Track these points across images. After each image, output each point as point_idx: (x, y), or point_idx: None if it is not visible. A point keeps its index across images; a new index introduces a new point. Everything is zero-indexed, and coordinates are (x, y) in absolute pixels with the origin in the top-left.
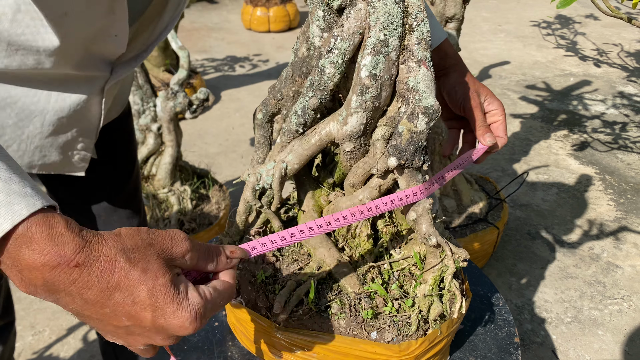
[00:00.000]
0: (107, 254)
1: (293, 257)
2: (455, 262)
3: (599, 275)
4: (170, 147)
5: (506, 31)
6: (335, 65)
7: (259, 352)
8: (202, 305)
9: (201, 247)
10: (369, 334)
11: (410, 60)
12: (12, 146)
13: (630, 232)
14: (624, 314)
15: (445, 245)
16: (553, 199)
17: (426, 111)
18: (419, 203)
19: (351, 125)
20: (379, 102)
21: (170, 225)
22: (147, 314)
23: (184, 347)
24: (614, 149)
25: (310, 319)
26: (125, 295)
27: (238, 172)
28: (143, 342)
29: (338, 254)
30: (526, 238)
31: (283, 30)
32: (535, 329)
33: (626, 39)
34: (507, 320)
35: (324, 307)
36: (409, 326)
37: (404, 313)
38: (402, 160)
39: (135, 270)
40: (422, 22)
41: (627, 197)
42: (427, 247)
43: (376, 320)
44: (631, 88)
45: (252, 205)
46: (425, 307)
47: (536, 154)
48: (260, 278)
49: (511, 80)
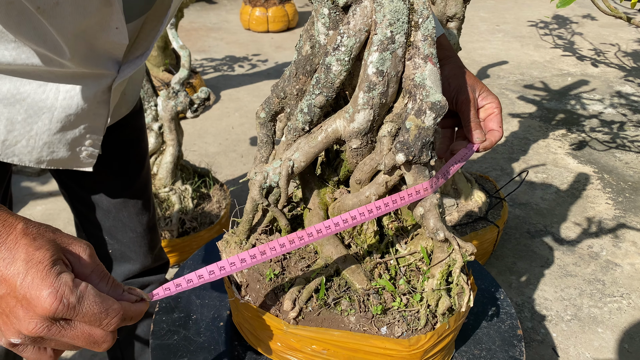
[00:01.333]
0: (10, 220)
1: (300, 254)
2: (463, 256)
3: (598, 274)
4: (171, 146)
5: (504, 31)
6: (342, 62)
7: (268, 350)
8: (70, 289)
9: (100, 265)
10: (379, 329)
11: (417, 57)
12: (22, 142)
13: (628, 230)
14: (623, 312)
15: (453, 240)
16: (552, 198)
17: (433, 107)
18: (426, 198)
19: (358, 122)
20: (385, 99)
21: (172, 224)
22: (16, 280)
23: (190, 347)
24: (611, 148)
25: (319, 316)
26: (6, 256)
27: (238, 171)
28: (13, 328)
29: (345, 250)
30: (526, 237)
31: (282, 30)
32: (535, 327)
33: (623, 38)
34: (510, 313)
35: (333, 303)
36: (418, 321)
37: (413, 308)
38: (410, 156)
39: (27, 237)
40: (427, 18)
41: (625, 196)
42: (435, 241)
43: (385, 315)
44: (628, 87)
45: (259, 203)
46: (434, 302)
47: (535, 153)
48: (269, 276)
49: (509, 80)
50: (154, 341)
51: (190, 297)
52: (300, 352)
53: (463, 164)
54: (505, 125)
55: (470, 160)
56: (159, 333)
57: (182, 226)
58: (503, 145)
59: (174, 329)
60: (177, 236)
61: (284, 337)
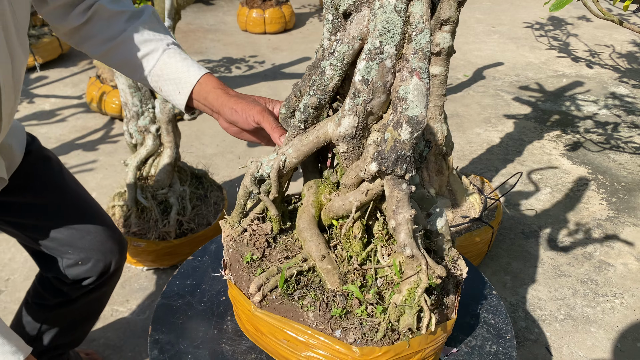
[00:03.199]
0: None
1: (286, 246)
2: (429, 277)
3: (592, 273)
4: (169, 148)
5: (500, 32)
6: (334, 67)
7: (244, 329)
8: None
9: None
10: (333, 331)
11: (405, 70)
12: None
13: (622, 230)
14: (616, 311)
15: (421, 259)
16: (546, 199)
17: (410, 121)
18: (400, 211)
19: (344, 126)
20: (371, 108)
21: (170, 226)
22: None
23: (188, 313)
24: (606, 149)
25: (281, 306)
26: None
27: (235, 172)
28: None
29: (325, 250)
30: (520, 237)
31: (279, 32)
32: (529, 327)
33: (618, 40)
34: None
35: (297, 297)
36: (375, 332)
37: (375, 319)
38: (383, 167)
39: None
40: (421, 32)
41: (619, 197)
42: (404, 257)
43: (345, 320)
44: (623, 89)
45: (250, 190)
46: (394, 317)
47: (529, 154)
48: (246, 259)
49: (505, 81)
50: (161, 300)
51: (207, 269)
52: (267, 337)
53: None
54: (500, 127)
55: (465, 161)
56: (168, 294)
57: (179, 227)
58: (498, 146)
59: (182, 294)
60: (175, 237)
61: (253, 320)
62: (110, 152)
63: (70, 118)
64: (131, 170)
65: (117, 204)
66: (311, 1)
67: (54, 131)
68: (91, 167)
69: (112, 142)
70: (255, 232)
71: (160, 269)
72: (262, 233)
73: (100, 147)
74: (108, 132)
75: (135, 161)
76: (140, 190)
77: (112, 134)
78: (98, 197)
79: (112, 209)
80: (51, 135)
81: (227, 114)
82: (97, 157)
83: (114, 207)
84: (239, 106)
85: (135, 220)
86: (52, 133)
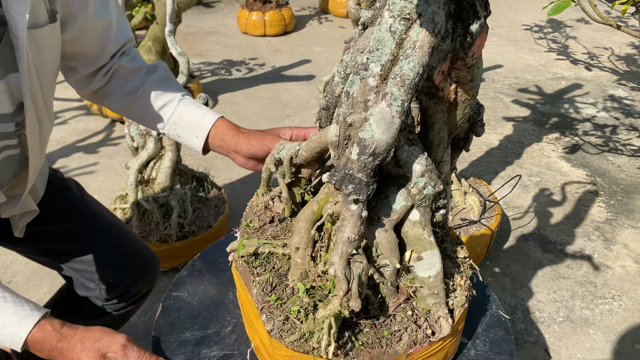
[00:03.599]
0: (68, 346)
1: (284, 228)
2: (341, 305)
3: (590, 276)
4: (170, 151)
5: (499, 35)
6: (339, 74)
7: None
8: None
9: (134, 349)
10: (261, 312)
11: (380, 92)
12: None
13: (620, 233)
14: (614, 313)
15: (343, 283)
16: (545, 201)
17: (359, 143)
18: (342, 230)
19: (331, 133)
20: (352, 121)
21: (171, 228)
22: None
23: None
24: (604, 152)
25: (242, 271)
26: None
27: (236, 175)
28: None
29: (304, 245)
30: (519, 239)
31: (279, 34)
32: (528, 329)
33: (616, 42)
34: (501, 316)
35: (257, 272)
36: (292, 332)
37: (297, 321)
38: (332, 180)
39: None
40: (407, 58)
41: (617, 199)
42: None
43: (277, 309)
44: (621, 91)
45: (269, 167)
46: (309, 329)
47: (528, 157)
48: (245, 224)
49: (504, 83)
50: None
51: (208, 272)
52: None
53: None
54: (499, 129)
55: (465, 164)
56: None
57: (180, 230)
58: (497, 148)
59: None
60: (176, 240)
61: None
62: (111, 154)
63: (71, 121)
64: (133, 173)
65: (118, 206)
66: (311, 4)
67: (54, 134)
68: (92, 170)
69: (113, 145)
70: (269, 206)
71: (162, 271)
72: (273, 209)
73: (101, 149)
74: (109, 134)
75: (136, 164)
76: (142, 193)
77: (113, 136)
78: (99, 199)
79: (113, 212)
80: (52, 138)
81: (244, 149)
82: (98, 159)
83: (115, 209)
84: (254, 140)
85: (136, 222)
86: (53, 135)
